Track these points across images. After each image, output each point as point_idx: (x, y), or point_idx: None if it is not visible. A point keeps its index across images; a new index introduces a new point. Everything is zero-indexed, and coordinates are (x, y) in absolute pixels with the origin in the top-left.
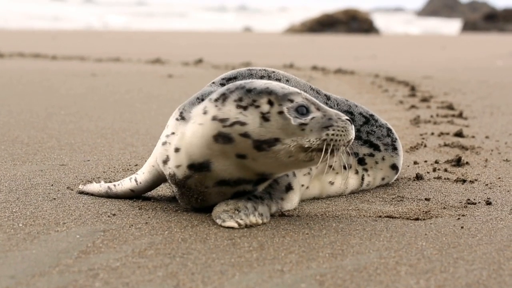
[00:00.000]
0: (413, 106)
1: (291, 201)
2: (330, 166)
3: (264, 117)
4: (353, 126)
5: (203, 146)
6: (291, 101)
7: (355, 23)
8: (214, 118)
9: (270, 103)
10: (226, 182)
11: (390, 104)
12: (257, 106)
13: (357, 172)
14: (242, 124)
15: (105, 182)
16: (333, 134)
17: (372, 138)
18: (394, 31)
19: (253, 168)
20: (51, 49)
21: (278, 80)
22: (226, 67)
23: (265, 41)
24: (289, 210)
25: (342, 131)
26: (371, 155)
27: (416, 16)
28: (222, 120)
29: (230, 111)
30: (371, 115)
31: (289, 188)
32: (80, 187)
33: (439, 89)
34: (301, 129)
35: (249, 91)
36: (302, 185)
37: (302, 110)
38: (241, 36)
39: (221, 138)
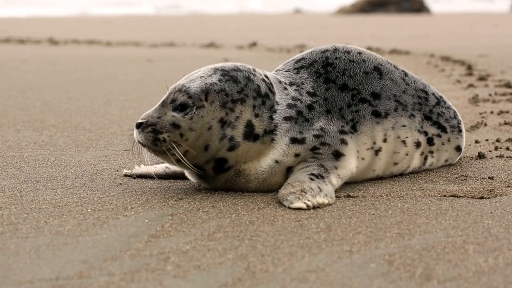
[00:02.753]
0: (470, 85)
1: (346, 168)
2: (403, 142)
3: None
4: (138, 131)
5: None
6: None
7: (406, 2)
8: None
9: None
10: None
11: (448, 83)
12: None
13: (422, 153)
14: None
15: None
16: None
17: (441, 119)
18: (444, 10)
19: None
20: (105, 35)
21: (347, 52)
22: (281, 49)
23: (317, 22)
24: (347, 176)
25: None
26: (439, 136)
27: None
28: None
29: None
30: (441, 96)
31: (338, 155)
32: (125, 171)
33: (496, 68)
34: None
35: None
36: (363, 159)
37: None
38: (292, 18)
39: None
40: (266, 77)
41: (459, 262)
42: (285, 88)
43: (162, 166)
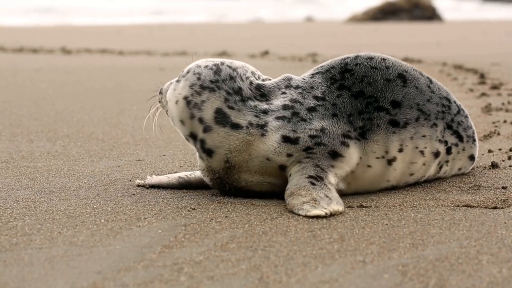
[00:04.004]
0: (483, 94)
1: (343, 169)
2: (421, 152)
3: None
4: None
5: None
6: None
7: (418, 10)
8: None
9: None
10: None
11: (460, 92)
12: None
13: (439, 163)
14: None
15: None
16: None
17: (460, 129)
18: (456, 18)
19: None
20: (117, 44)
21: (370, 58)
22: (293, 58)
23: (329, 30)
24: (342, 177)
25: None
26: (456, 145)
27: (478, 2)
28: None
29: None
30: (459, 105)
31: (335, 155)
32: (138, 181)
33: (509, 76)
34: None
35: None
36: (369, 166)
37: None
38: (304, 26)
39: None
40: (259, 88)
41: (473, 272)
42: (284, 93)
43: (175, 176)
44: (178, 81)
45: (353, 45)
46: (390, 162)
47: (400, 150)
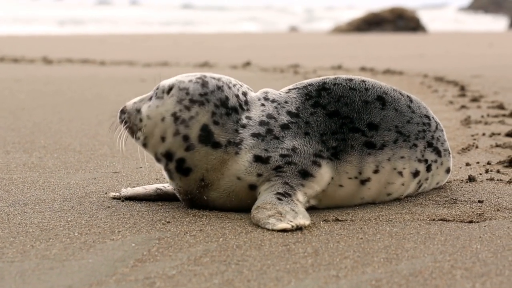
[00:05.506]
0: (463, 107)
1: (313, 188)
2: (399, 173)
3: None
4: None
5: None
6: None
7: (402, 21)
8: None
9: None
10: None
11: (440, 104)
12: None
13: (419, 181)
14: None
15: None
16: None
17: (438, 144)
18: (441, 29)
19: None
20: (99, 54)
21: (349, 80)
22: (274, 69)
23: (312, 41)
24: (312, 196)
25: None
26: (435, 161)
27: (462, 12)
28: None
29: None
30: (436, 119)
31: (306, 174)
32: (113, 194)
33: (489, 88)
34: None
35: None
36: (341, 186)
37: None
38: (287, 37)
39: None
40: (245, 94)
41: (446, 287)
42: (263, 105)
43: (153, 187)
44: (159, 97)
45: (336, 56)
46: (363, 182)
47: (376, 171)
